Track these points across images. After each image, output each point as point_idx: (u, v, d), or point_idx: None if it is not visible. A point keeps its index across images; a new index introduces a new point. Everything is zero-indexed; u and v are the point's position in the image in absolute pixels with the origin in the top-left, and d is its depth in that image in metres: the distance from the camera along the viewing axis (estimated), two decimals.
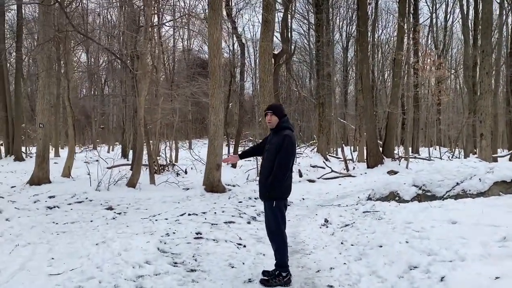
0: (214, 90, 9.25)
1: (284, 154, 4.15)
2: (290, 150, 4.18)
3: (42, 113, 11.05)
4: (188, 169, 13.94)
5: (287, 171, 4.21)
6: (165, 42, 20.18)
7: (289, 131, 4.29)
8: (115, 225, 6.68)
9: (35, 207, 7.79)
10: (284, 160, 4.16)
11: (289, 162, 4.20)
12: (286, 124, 4.34)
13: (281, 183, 4.21)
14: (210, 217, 7.39)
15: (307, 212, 8.65)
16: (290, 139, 4.19)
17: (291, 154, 4.21)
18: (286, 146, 4.15)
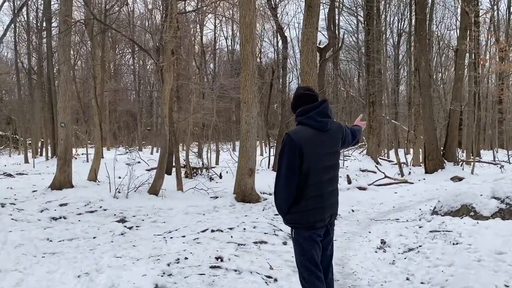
0: (246, 82, 7.87)
1: (279, 168, 2.77)
2: (286, 161, 2.71)
3: (63, 111, 10.15)
4: (224, 173, 12.64)
5: (282, 185, 2.73)
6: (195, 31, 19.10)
7: (298, 127, 2.85)
8: (120, 243, 5.46)
9: (38, 217, 6.76)
10: (277, 179, 2.77)
11: (283, 181, 2.73)
12: (298, 118, 2.89)
13: (280, 208, 2.79)
14: (237, 235, 6.02)
15: (358, 229, 7.07)
16: (288, 142, 2.72)
17: (286, 166, 2.72)
18: (281, 153, 2.77)
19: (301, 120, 2.82)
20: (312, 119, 2.77)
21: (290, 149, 2.66)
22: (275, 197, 2.76)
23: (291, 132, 2.73)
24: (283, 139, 2.73)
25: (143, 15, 20.13)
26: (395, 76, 33.72)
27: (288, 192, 2.68)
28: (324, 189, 2.79)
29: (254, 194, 8.25)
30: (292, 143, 2.66)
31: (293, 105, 2.92)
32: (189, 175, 11.55)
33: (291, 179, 2.66)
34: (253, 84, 7.89)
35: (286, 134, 2.72)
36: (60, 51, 10.00)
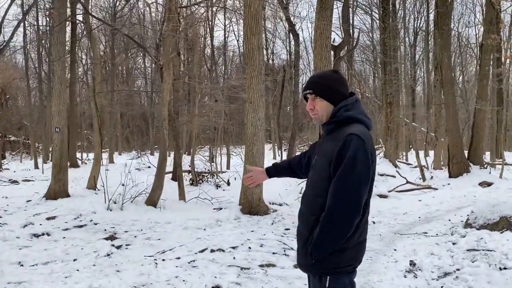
0: (251, 80, 7.00)
1: (348, 178, 1.85)
2: (362, 170, 1.86)
3: (58, 115, 9.43)
4: (232, 179, 11.78)
5: (355, 216, 1.87)
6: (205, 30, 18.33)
7: (360, 127, 1.97)
8: (103, 268, 4.65)
9: (18, 234, 6.00)
10: (348, 193, 1.85)
11: (359, 197, 1.86)
12: (352, 112, 2.02)
13: (339, 241, 1.89)
14: (241, 255, 5.17)
15: (382, 245, 6.14)
16: (361, 145, 1.87)
17: (364, 178, 1.87)
18: (351, 160, 1.85)
19: (358, 115, 2.01)
20: (366, 116, 2.04)
21: (366, 157, 1.87)
22: (344, 221, 1.85)
23: (361, 134, 1.91)
24: (344, 143, 1.87)
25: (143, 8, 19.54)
26: (412, 77, 32.60)
27: (358, 216, 1.87)
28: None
29: (262, 205, 7.36)
30: (367, 150, 1.88)
31: (339, 91, 2.06)
32: (195, 182, 10.73)
33: (363, 198, 1.88)
34: (260, 81, 7.00)
35: (355, 136, 1.88)
36: (54, 49, 9.30)
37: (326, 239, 1.87)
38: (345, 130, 1.93)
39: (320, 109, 2.04)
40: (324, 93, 2.03)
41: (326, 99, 2.03)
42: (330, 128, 2.05)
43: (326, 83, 2.04)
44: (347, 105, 2.02)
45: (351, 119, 2.00)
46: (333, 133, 2.03)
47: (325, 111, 2.03)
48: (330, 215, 1.85)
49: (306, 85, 2.08)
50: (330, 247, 1.88)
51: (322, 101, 2.03)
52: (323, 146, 2.09)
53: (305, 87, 2.08)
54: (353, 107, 2.03)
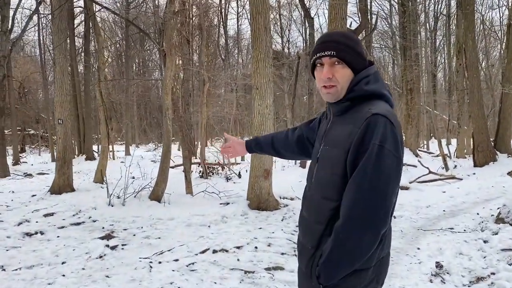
0: (257, 63, 6.41)
1: (374, 175, 1.31)
2: (391, 164, 1.32)
3: (60, 106, 9.04)
4: (243, 172, 11.25)
5: (381, 227, 1.33)
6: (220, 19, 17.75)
7: (385, 105, 1.45)
8: (92, 272, 4.21)
9: (9, 233, 5.63)
10: (373, 195, 1.31)
11: (387, 201, 1.33)
12: (374, 85, 1.49)
13: (358, 260, 1.34)
14: (246, 257, 4.67)
15: (404, 243, 5.56)
16: (391, 129, 1.34)
17: (394, 174, 1.34)
18: (378, 150, 1.31)
19: (382, 90, 1.51)
20: (389, 92, 1.54)
21: (397, 146, 1.35)
22: (364, 233, 1.32)
23: (389, 114, 1.38)
24: (367, 127, 1.34)
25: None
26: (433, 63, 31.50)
27: (385, 226, 1.35)
28: None
29: (272, 200, 6.82)
30: (397, 137, 1.36)
31: (364, 58, 1.52)
32: (205, 175, 10.25)
33: (392, 201, 1.37)
34: (267, 65, 6.40)
35: (381, 118, 1.34)
36: (54, 37, 8.88)
37: (341, 258, 1.34)
38: (364, 109, 1.40)
39: (341, 79, 1.48)
40: (352, 57, 1.47)
41: (352, 66, 1.48)
42: (343, 107, 1.51)
43: (353, 45, 1.49)
44: (369, 76, 1.48)
45: (373, 94, 1.46)
46: (346, 113, 1.50)
47: (346, 82, 1.48)
48: (347, 226, 1.33)
49: (323, 44, 1.50)
50: (346, 268, 1.36)
51: (345, 69, 1.48)
52: (332, 131, 1.54)
53: (323, 47, 1.49)
54: (375, 79, 1.49)
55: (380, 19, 29.50)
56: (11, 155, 21.51)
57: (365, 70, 1.48)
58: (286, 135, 1.99)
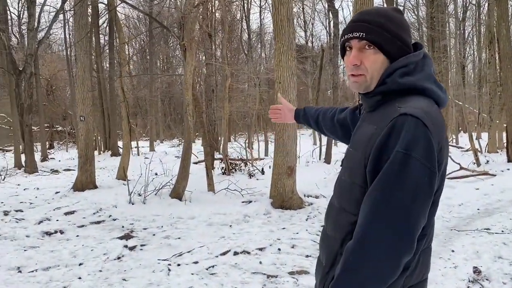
0: (280, 56, 6.14)
1: (394, 190, 1.03)
2: (419, 177, 1.03)
3: (82, 103, 9.01)
4: (266, 168, 11.00)
5: (402, 254, 1.03)
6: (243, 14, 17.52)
7: (424, 102, 1.13)
8: (108, 275, 4.07)
9: (29, 232, 5.57)
10: (392, 215, 1.03)
11: (411, 223, 1.03)
12: (414, 77, 1.17)
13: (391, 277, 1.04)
14: (268, 259, 4.44)
15: (436, 245, 5.22)
16: (421, 133, 1.05)
17: (423, 190, 1.04)
18: (402, 159, 1.03)
19: (423, 83, 1.18)
20: (438, 84, 1.22)
21: (430, 154, 1.06)
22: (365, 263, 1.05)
23: (422, 114, 1.08)
24: (391, 130, 1.08)
25: None
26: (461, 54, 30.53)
27: (408, 253, 1.05)
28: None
29: (296, 198, 6.55)
30: (430, 143, 1.06)
31: (405, 42, 1.23)
32: (227, 171, 10.07)
33: (419, 223, 1.06)
34: (290, 58, 6.12)
35: (411, 119, 1.06)
36: (76, 33, 8.83)
37: (350, 283, 1.07)
38: (393, 107, 1.13)
39: (371, 67, 1.20)
40: (386, 40, 1.19)
41: (386, 51, 1.20)
42: (373, 102, 1.24)
43: (390, 25, 1.20)
44: (408, 65, 1.18)
45: (411, 89, 1.17)
46: (376, 110, 1.22)
47: (377, 70, 1.20)
48: (359, 251, 1.06)
49: (353, 24, 1.24)
50: None
51: (377, 54, 1.20)
52: (359, 130, 1.28)
53: (352, 27, 1.23)
54: (417, 69, 1.19)
55: (406, 10, 28.72)
56: (40, 152, 21.93)
57: (404, 58, 1.19)
58: (333, 115, 1.74)
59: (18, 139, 18.32)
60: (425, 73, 1.19)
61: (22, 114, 15.67)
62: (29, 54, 14.50)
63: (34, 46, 14.81)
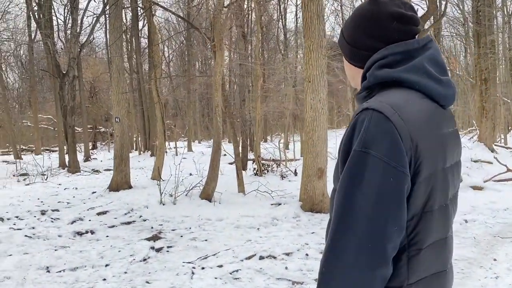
0: (310, 54, 5.95)
1: (352, 194, 0.89)
2: (379, 178, 0.88)
3: (117, 105, 9.18)
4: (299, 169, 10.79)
5: (370, 267, 0.87)
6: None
7: (399, 94, 0.98)
8: (133, 277, 4.06)
9: (61, 232, 5.69)
10: (352, 223, 0.88)
11: (374, 230, 0.87)
12: (392, 69, 1.02)
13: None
14: (295, 265, 4.30)
15: (476, 253, 4.90)
16: (382, 129, 0.90)
17: (388, 193, 0.88)
18: (358, 159, 0.90)
19: (402, 74, 1.02)
20: (429, 74, 1.03)
21: (393, 152, 0.90)
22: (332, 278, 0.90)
23: (387, 106, 0.94)
24: (352, 127, 0.96)
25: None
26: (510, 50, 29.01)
27: (378, 266, 0.89)
28: (448, 257, 1.09)
29: (326, 201, 6.33)
30: (394, 138, 0.91)
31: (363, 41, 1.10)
32: (259, 172, 9.97)
33: (388, 228, 0.89)
34: (321, 56, 5.91)
35: (370, 113, 0.93)
36: (110, 36, 9.01)
37: (327, 275, 0.92)
38: (359, 110, 1.01)
39: (346, 69, 1.22)
40: (342, 45, 1.18)
41: (343, 54, 1.20)
42: (361, 99, 1.11)
43: (347, 28, 1.14)
44: (387, 57, 1.03)
45: (389, 81, 1.02)
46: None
47: (347, 72, 1.22)
48: (328, 262, 0.92)
49: None
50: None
51: (345, 60, 1.21)
52: None
53: None
54: (402, 61, 1.03)
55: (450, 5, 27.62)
56: (83, 152, 22.74)
57: (384, 49, 1.05)
58: None
59: (62, 140, 19.04)
60: (413, 63, 1.02)
61: (66, 116, 16.24)
62: (72, 58, 15.00)
63: (77, 50, 15.31)
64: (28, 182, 11.97)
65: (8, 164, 18.56)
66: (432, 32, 19.26)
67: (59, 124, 19.97)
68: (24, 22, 24.43)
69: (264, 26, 20.54)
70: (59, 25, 23.86)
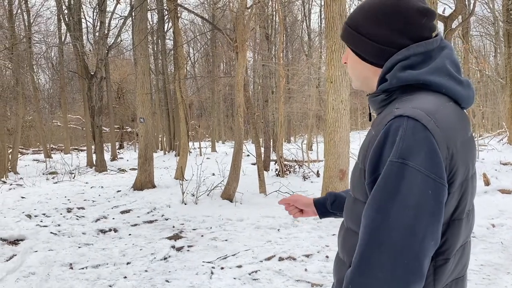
0: (332, 55, 5.89)
1: (390, 207, 0.84)
2: (419, 190, 0.83)
3: (142, 105, 9.33)
4: (322, 170, 10.72)
5: (411, 282, 0.83)
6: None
7: (429, 100, 0.93)
8: (153, 276, 4.11)
9: (85, 230, 5.81)
10: (388, 237, 0.84)
11: (414, 246, 0.83)
12: (416, 71, 0.97)
13: None
14: (315, 266, 4.27)
15: (504, 258, 4.75)
16: (421, 138, 0.85)
17: (426, 205, 0.84)
18: (396, 170, 0.85)
19: (428, 76, 0.98)
20: (453, 76, 1.00)
21: (432, 162, 0.86)
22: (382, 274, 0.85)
23: (423, 114, 0.89)
24: (385, 136, 0.90)
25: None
26: None
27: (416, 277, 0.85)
28: (467, 263, 1.07)
29: None
30: (434, 148, 0.87)
31: (377, 36, 1.03)
32: (281, 173, 9.95)
33: (426, 243, 0.86)
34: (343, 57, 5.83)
35: (407, 121, 0.88)
36: (135, 37, 9.17)
37: None
38: (393, 108, 0.96)
39: (351, 66, 1.12)
40: (355, 41, 1.07)
41: (357, 53, 1.08)
42: (377, 102, 1.06)
43: (362, 22, 1.05)
44: (409, 57, 0.99)
45: (414, 84, 0.98)
46: (382, 112, 1.04)
47: (355, 72, 1.11)
48: (357, 277, 0.88)
49: None
50: None
51: (351, 53, 1.10)
52: (365, 138, 1.10)
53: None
54: (424, 61, 0.99)
55: (479, 3, 26.89)
56: (110, 151, 23.22)
57: (405, 49, 1.00)
58: None
59: (90, 140, 19.50)
60: (435, 65, 0.99)
61: (93, 116, 16.63)
62: (100, 59, 15.34)
63: (104, 51, 15.65)
64: (56, 180, 12.32)
65: (38, 162, 19.16)
66: (460, 32, 18.80)
67: (87, 124, 20.48)
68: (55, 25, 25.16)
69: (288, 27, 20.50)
70: (88, 28, 24.51)
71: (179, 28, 11.30)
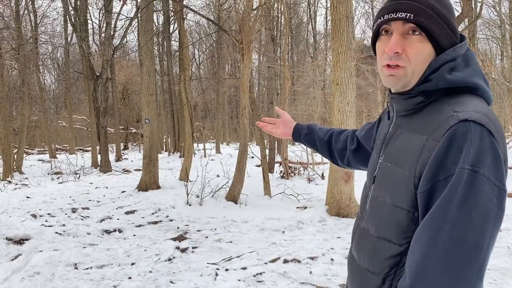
0: (338, 56, 5.88)
1: (461, 221, 0.80)
2: (489, 200, 0.80)
3: (147, 106, 9.35)
4: (327, 173, 10.69)
5: None
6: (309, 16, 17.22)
7: (480, 105, 0.90)
8: (157, 277, 4.10)
9: (90, 230, 5.82)
10: (456, 254, 0.80)
11: (481, 259, 0.80)
12: (463, 73, 0.94)
13: None
14: (319, 269, 4.24)
15: (510, 263, 4.70)
16: (490, 145, 0.83)
17: (493, 215, 0.81)
18: (469, 180, 0.81)
19: (475, 80, 0.96)
20: (484, 78, 0.98)
21: (499, 170, 0.84)
22: None
23: (487, 120, 0.86)
24: (451, 140, 0.85)
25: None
26: None
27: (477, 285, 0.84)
28: None
29: (353, 206, 6.23)
30: (498, 154, 0.85)
31: (453, 29, 0.97)
32: (286, 175, 9.93)
33: (488, 254, 0.84)
34: (349, 58, 5.82)
35: (477, 126, 0.84)
36: (141, 38, 9.19)
37: None
38: (445, 111, 0.90)
39: (414, 58, 0.95)
40: (438, 26, 0.94)
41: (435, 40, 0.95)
42: (412, 104, 1.00)
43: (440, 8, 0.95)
44: (456, 59, 0.95)
45: (461, 87, 0.95)
46: (416, 114, 1.00)
47: (421, 63, 0.96)
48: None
49: (395, 3, 0.97)
50: None
51: (423, 43, 0.95)
52: (395, 140, 1.03)
53: (394, 6, 0.96)
54: (465, 63, 0.97)
55: (486, 6, 26.79)
56: (115, 152, 23.28)
57: (452, 50, 0.95)
58: (346, 138, 1.50)
59: (95, 140, 19.55)
60: (473, 67, 0.96)
61: (99, 117, 16.67)
62: (106, 60, 15.40)
63: (110, 52, 15.70)
64: (61, 180, 12.36)
65: (43, 162, 19.23)
66: (466, 35, 18.73)
67: (92, 125, 20.54)
68: (61, 25, 25.28)
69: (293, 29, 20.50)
70: (94, 29, 24.63)
71: (184, 30, 11.32)
